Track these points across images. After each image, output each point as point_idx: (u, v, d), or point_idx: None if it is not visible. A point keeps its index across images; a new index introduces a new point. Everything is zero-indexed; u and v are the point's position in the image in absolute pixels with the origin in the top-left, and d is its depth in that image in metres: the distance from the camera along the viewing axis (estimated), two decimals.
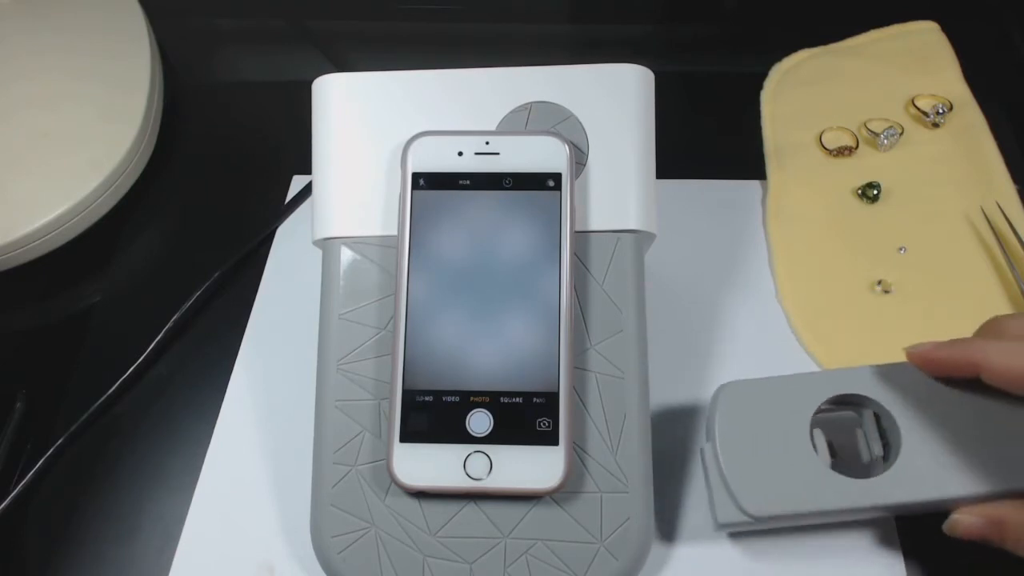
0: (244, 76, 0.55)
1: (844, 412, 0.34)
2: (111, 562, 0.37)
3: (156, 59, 0.48)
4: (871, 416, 0.33)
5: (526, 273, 0.33)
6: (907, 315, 0.40)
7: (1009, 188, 0.44)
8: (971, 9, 0.52)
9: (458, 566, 0.32)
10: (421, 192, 0.34)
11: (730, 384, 0.34)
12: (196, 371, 0.42)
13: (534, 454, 0.31)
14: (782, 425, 0.32)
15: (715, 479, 0.33)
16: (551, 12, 0.56)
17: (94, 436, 0.40)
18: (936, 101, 0.47)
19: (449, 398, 0.32)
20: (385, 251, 0.34)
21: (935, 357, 0.31)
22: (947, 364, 0.31)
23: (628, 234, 0.34)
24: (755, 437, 0.32)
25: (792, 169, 0.46)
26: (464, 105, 0.35)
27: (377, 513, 0.32)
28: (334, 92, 0.36)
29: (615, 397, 0.33)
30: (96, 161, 0.44)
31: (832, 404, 0.33)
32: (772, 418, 0.33)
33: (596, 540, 0.32)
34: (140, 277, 0.46)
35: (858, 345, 0.40)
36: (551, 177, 0.33)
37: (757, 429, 0.33)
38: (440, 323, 0.32)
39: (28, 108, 0.45)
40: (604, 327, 0.33)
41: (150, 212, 0.48)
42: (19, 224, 0.42)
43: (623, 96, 0.35)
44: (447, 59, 0.53)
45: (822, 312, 0.41)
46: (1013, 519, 0.30)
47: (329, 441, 0.33)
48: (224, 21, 0.57)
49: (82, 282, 0.46)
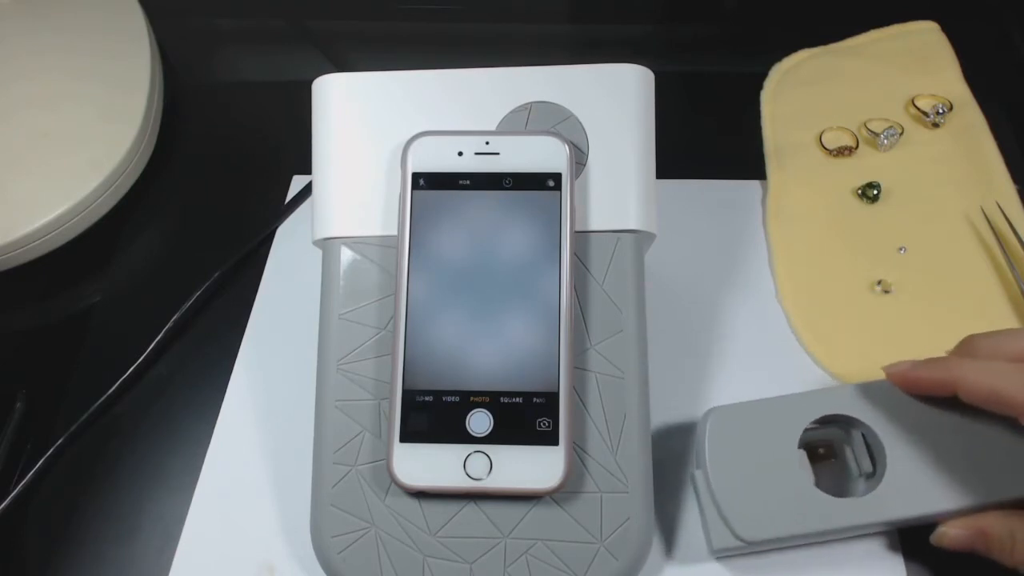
0: (244, 76, 0.55)
1: (832, 430, 0.35)
2: (111, 562, 0.37)
3: (156, 59, 0.48)
4: (858, 434, 0.34)
5: (526, 273, 0.33)
6: (907, 315, 0.40)
7: (1009, 188, 0.44)
8: (971, 9, 0.52)
9: (458, 566, 0.32)
10: (421, 192, 0.34)
11: (718, 409, 0.34)
12: (196, 371, 0.42)
13: (534, 454, 0.31)
14: (771, 448, 0.33)
15: (707, 505, 0.33)
16: (551, 12, 0.56)
17: (94, 436, 0.40)
18: (936, 101, 0.47)
19: (449, 398, 0.32)
20: (385, 251, 0.34)
21: (913, 377, 0.32)
22: (924, 383, 0.32)
23: (628, 234, 0.34)
24: (745, 461, 0.33)
25: (792, 169, 0.46)
26: (464, 105, 0.35)
27: (377, 513, 0.32)
28: (334, 92, 0.36)
29: (615, 397, 0.33)
30: (96, 161, 0.44)
31: (819, 423, 0.34)
32: (761, 441, 0.33)
33: (596, 540, 0.32)
34: (140, 277, 0.46)
35: (858, 345, 0.40)
36: (551, 177, 0.33)
37: (747, 453, 0.33)
38: (440, 323, 0.32)
39: (28, 108, 0.45)
40: (604, 327, 0.33)
41: (150, 212, 0.48)
42: (19, 224, 0.42)
43: (623, 96, 0.35)
44: (447, 59, 0.53)
45: (822, 312, 0.41)
46: (996, 529, 0.30)
47: (329, 441, 0.33)
48: (224, 21, 0.57)
49: (82, 282, 0.46)
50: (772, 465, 0.33)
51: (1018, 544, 0.30)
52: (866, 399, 0.33)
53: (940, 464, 0.32)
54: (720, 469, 0.33)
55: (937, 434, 0.32)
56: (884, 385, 0.33)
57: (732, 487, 0.33)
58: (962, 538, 0.31)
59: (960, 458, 0.32)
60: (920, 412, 0.33)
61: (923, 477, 0.32)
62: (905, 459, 0.32)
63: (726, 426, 0.34)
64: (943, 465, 0.32)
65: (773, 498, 0.32)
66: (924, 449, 0.32)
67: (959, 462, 0.32)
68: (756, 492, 0.32)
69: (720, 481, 0.33)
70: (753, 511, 0.32)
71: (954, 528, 0.31)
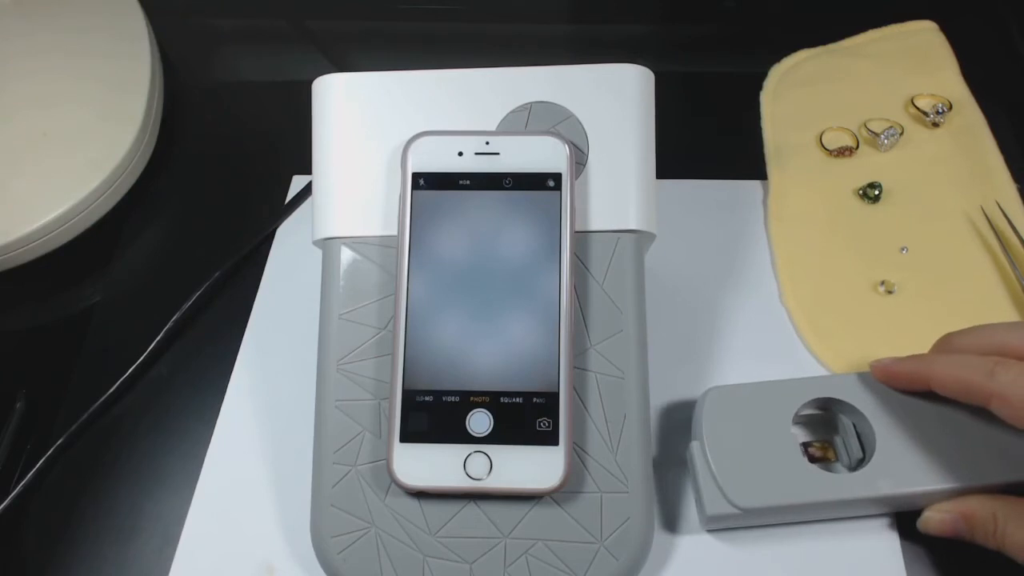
0: (244, 76, 0.55)
1: (823, 415, 0.36)
2: (111, 562, 0.37)
3: (156, 59, 0.48)
4: (849, 424, 0.35)
5: (526, 273, 0.33)
6: (910, 315, 0.40)
7: (1009, 187, 0.44)
8: (971, 9, 0.52)
9: (458, 566, 0.32)
10: (421, 192, 0.34)
11: (717, 388, 0.36)
12: (196, 371, 0.42)
13: (534, 454, 0.31)
14: (766, 425, 0.34)
15: (703, 474, 0.34)
16: (551, 12, 0.56)
17: (94, 436, 0.40)
18: (936, 101, 0.47)
19: (449, 398, 0.32)
20: (385, 251, 0.34)
21: (893, 371, 0.34)
22: (903, 377, 0.34)
23: (628, 234, 0.34)
24: (740, 436, 0.34)
25: (792, 170, 0.46)
26: (464, 105, 0.35)
27: (377, 513, 0.32)
28: (334, 92, 0.36)
29: (615, 397, 0.33)
30: (96, 161, 0.44)
31: (812, 410, 0.36)
32: (756, 419, 0.35)
33: (596, 540, 0.32)
34: (140, 277, 0.46)
35: (861, 346, 0.40)
36: (551, 177, 0.33)
37: (742, 428, 0.34)
38: (440, 323, 0.32)
39: (28, 108, 0.45)
40: (604, 327, 0.33)
41: (150, 212, 0.48)
42: (19, 224, 0.42)
43: (623, 96, 0.35)
44: (447, 59, 0.53)
45: (825, 313, 0.41)
46: (979, 513, 0.31)
47: (329, 441, 0.33)
48: (224, 21, 0.57)
49: (82, 282, 0.46)
50: (766, 440, 0.34)
51: (1000, 525, 0.31)
52: (858, 387, 0.35)
53: (925, 449, 0.33)
54: (716, 440, 0.34)
55: (923, 420, 0.34)
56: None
57: (727, 457, 0.34)
58: (947, 521, 0.32)
59: (944, 444, 0.33)
60: (907, 402, 0.34)
61: (909, 460, 0.33)
62: (893, 442, 0.33)
63: (724, 403, 0.35)
64: (928, 449, 0.33)
65: (766, 469, 0.33)
66: (911, 435, 0.33)
67: (943, 448, 0.33)
68: (750, 463, 0.34)
69: (716, 450, 0.34)
70: (747, 480, 0.33)
71: (938, 512, 0.33)
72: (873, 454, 0.33)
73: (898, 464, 0.33)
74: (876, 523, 0.35)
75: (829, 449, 0.36)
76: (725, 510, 0.33)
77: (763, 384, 0.36)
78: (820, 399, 0.35)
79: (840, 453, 0.36)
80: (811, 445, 0.36)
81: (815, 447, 0.36)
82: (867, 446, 0.34)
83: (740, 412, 0.35)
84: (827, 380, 0.36)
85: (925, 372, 0.33)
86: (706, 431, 0.34)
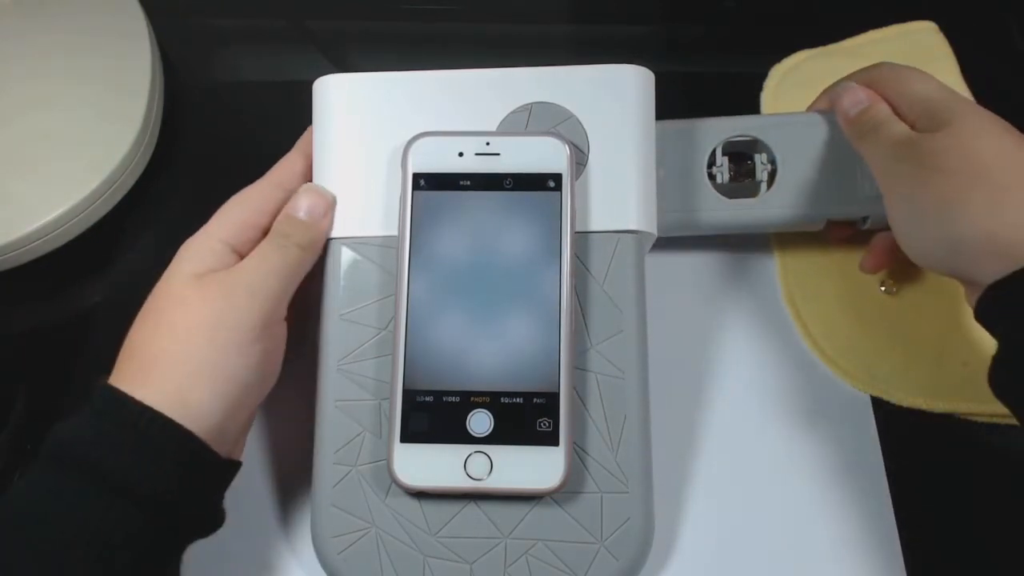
0: (244, 76, 0.55)
1: (745, 140, 0.40)
2: None
3: (156, 59, 0.48)
4: (764, 150, 0.39)
5: (526, 273, 0.33)
6: (913, 315, 0.41)
7: None
8: (971, 9, 0.52)
9: (458, 566, 0.32)
10: (422, 193, 0.34)
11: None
12: None
13: (534, 454, 0.31)
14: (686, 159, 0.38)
15: None
16: (551, 12, 0.56)
17: None
18: None
19: (449, 398, 0.32)
20: (386, 251, 0.35)
21: (832, 96, 0.39)
22: (835, 103, 0.38)
23: (628, 234, 0.34)
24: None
25: None
26: (464, 106, 0.35)
27: (377, 513, 0.32)
28: (334, 92, 0.36)
29: (615, 397, 0.33)
30: (96, 162, 0.44)
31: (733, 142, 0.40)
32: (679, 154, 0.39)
33: (596, 540, 0.32)
34: (140, 277, 0.45)
35: (864, 345, 0.40)
36: (551, 178, 0.33)
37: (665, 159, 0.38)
38: (440, 323, 0.32)
39: (28, 109, 0.45)
40: (604, 327, 0.33)
41: (150, 212, 0.48)
42: (19, 224, 0.42)
43: (623, 96, 0.35)
44: (447, 59, 0.53)
45: (827, 312, 0.41)
46: (887, 75, 0.37)
47: (329, 441, 0.33)
48: (224, 21, 0.57)
49: (82, 282, 0.46)
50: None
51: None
52: (769, 126, 0.39)
53: (820, 175, 0.38)
54: None
55: (822, 152, 0.38)
56: (784, 117, 0.40)
57: None
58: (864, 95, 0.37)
59: (834, 174, 0.38)
60: (809, 137, 0.39)
61: (808, 185, 0.38)
62: (794, 170, 0.38)
63: None
64: (822, 176, 0.38)
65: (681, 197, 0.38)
66: (810, 163, 0.38)
67: (833, 176, 0.38)
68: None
69: None
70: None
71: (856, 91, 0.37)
72: (777, 176, 0.38)
73: (798, 187, 0.38)
74: (872, 511, 0.35)
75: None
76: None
77: (688, 121, 0.39)
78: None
79: (756, 170, 0.39)
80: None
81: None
82: (776, 171, 0.38)
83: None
84: (744, 120, 0.39)
85: (832, 97, 0.38)
86: None
